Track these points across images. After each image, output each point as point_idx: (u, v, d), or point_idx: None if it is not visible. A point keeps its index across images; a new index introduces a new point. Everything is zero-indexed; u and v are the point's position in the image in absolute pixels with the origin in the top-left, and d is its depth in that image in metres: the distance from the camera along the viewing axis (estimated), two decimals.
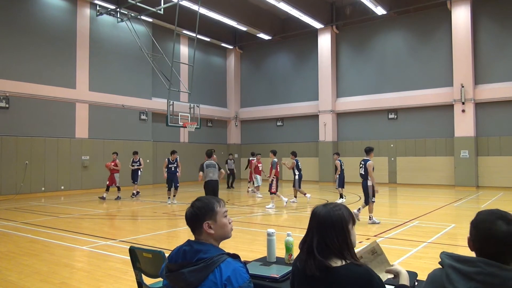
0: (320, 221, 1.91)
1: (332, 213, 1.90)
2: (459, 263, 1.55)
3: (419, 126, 19.85)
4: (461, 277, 1.52)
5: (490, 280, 1.46)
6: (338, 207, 1.94)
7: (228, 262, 1.86)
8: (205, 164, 9.79)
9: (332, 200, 13.54)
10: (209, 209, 1.99)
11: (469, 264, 1.52)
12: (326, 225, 1.88)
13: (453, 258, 1.59)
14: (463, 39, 18.16)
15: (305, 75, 23.67)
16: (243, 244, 7.24)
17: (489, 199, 14.00)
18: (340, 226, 1.87)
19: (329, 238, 1.85)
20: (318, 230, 1.90)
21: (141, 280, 3.00)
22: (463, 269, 1.53)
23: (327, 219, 1.89)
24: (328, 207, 1.93)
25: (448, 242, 7.25)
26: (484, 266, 1.49)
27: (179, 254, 1.94)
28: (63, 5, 17.40)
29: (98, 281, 4.93)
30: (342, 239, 1.86)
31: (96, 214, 11.17)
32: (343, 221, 1.89)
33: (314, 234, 1.91)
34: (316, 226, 1.92)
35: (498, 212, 1.58)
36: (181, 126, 17.07)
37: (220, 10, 19.63)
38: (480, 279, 1.48)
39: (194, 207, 2.00)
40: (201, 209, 1.98)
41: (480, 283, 1.47)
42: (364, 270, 1.81)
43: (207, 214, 1.98)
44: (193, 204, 2.02)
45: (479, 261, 1.52)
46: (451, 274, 1.55)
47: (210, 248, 1.91)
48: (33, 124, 16.10)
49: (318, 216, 1.93)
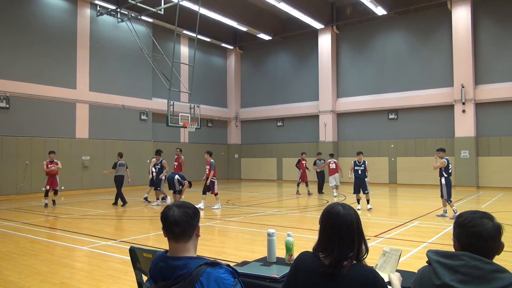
0: (330, 219, 1.91)
1: (345, 213, 1.90)
2: (445, 258, 1.66)
3: (420, 126, 19.84)
4: (446, 270, 1.63)
5: (473, 272, 1.57)
6: (347, 206, 1.95)
7: (208, 274, 1.72)
8: (118, 163, 12.77)
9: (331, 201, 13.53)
10: (198, 211, 1.91)
11: (454, 258, 1.63)
12: (340, 225, 1.87)
13: (439, 254, 1.70)
14: (464, 39, 18.15)
15: (305, 75, 23.66)
16: (243, 244, 7.24)
17: (489, 199, 13.99)
18: (354, 226, 1.88)
19: (340, 238, 1.85)
20: (327, 228, 1.90)
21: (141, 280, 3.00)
22: (449, 263, 1.64)
23: (341, 219, 1.88)
24: (341, 207, 1.93)
25: (448, 243, 7.24)
26: (468, 260, 1.60)
27: (156, 271, 1.83)
28: (63, 5, 17.41)
29: (98, 281, 4.93)
30: (352, 239, 1.86)
31: (96, 214, 11.17)
32: (354, 221, 1.90)
33: (323, 232, 1.92)
34: (326, 225, 1.92)
35: (480, 212, 1.72)
36: (181, 126, 17.05)
37: (220, 10, 19.64)
38: (464, 271, 1.59)
39: (187, 209, 1.86)
40: (195, 211, 1.88)
41: (464, 275, 1.58)
42: (369, 271, 1.81)
43: (198, 217, 1.90)
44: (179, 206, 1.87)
45: (463, 255, 1.63)
46: (437, 268, 1.65)
47: (187, 262, 1.77)
48: (33, 124, 16.11)
49: (327, 215, 1.93)
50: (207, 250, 6.50)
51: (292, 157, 23.84)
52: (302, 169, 16.17)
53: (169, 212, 1.84)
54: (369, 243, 7.01)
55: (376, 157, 20.56)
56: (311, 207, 12.61)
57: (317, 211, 11.35)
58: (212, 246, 6.99)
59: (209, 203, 12.40)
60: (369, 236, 7.51)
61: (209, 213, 11.30)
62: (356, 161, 11.75)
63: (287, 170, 24.04)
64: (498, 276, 1.55)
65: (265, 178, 24.99)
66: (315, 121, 22.83)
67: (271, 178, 24.76)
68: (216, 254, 6.23)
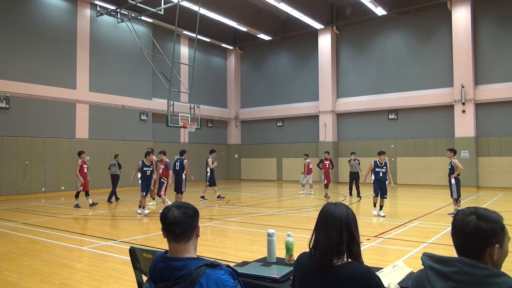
0: (327, 218, 1.94)
1: (338, 211, 1.94)
2: (438, 263, 1.57)
3: (420, 127, 19.84)
4: (439, 277, 1.54)
5: (467, 279, 1.47)
6: (344, 206, 1.98)
7: (208, 275, 1.72)
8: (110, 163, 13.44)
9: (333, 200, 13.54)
10: (197, 211, 1.91)
11: (447, 264, 1.54)
12: (332, 223, 1.91)
13: (432, 259, 1.60)
14: (463, 40, 18.15)
15: (305, 75, 23.67)
16: (243, 245, 7.24)
17: (489, 200, 14.00)
18: (346, 224, 1.90)
19: (334, 236, 1.88)
20: (324, 228, 1.93)
21: (141, 280, 3.00)
22: (441, 269, 1.54)
23: (333, 216, 1.92)
24: (336, 206, 1.97)
25: (448, 243, 7.23)
26: (462, 266, 1.50)
27: (156, 272, 1.83)
28: (63, 6, 17.41)
29: (98, 282, 4.93)
30: (347, 237, 1.88)
31: (96, 215, 11.17)
32: (346, 219, 1.92)
33: (320, 231, 1.94)
34: (323, 223, 1.95)
35: (474, 209, 1.58)
36: (181, 126, 17.05)
37: (220, 11, 19.64)
38: (457, 278, 1.49)
39: (187, 209, 1.85)
40: (195, 211, 1.88)
41: (457, 283, 1.49)
42: (365, 269, 1.82)
43: (197, 217, 1.89)
44: (179, 207, 1.86)
45: (457, 260, 1.53)
46: (430, 275, 1.57)
47: (187, 263, 1.77)
48: (33, 124, 16.11)
49: (325, 214, 1.96)
50: (207, 250, 6.50)
51: (292, 157, 23.86)
52: (325, 170, 14.97)
53: (168, 213, 1.84)
54: (369, 243, 7.01)
55: (376, 157, 20.51)
56: (311, 207, 12.61)
57: (317, 211, 11.33)
58: (212, 246, 6.99)
59: (208, 204, 12.38)
60: (369, 236, 7.51)
61: (209, 213, 11.30)
62: (378, 162, 10.78)
63: (287, 170, 24.05)
64: (495, 281, 1.44)
65: (265, 179, 24.99)
66: (315, 121, 22.83)
67: (271, 179, 24.76)
68: (216, 254, 6.23)
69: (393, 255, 6.22)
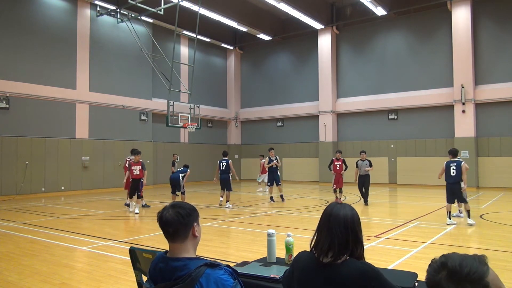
0: (332, 218, 1.94)
1: (343, 212, 1.94)
2: None
3: (419, 127, 19.85)
4: None
5: None
6: (349, 206, 1.99)
7: (208, 275, 1.72)
8: None
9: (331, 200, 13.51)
10: (195, 210, 1.90)
11: None
12: (336, 223, 1.91)
13: None
14: (463, 40, 18.16)
15: (305, 75, 23.67)
16: (243, 245, 7.24)
17: (489, 200, 14.00)
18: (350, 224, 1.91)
19: (338, 236, 1.88)
20: (328, 227, 1.93)
21: (141, 280, 3.00)
22: None
23: (338, 216, 1.93)
24: (341, 206, 1.98)
25: (448, 243, 7.24)
26: None
27: (156, 272, 1.83)
28: (63, 6, 17.41)
29: (98, 282, 4.93)
30: (351, 238, 1.89)
31: (96, 215, 11.17)
32: (351, 220, 1.93)
33: (323, 230, 1.94)
34: (326, 223, 1.95)
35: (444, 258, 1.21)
36: (181, 126, 17.04)
37: (220, 11, 19.64)
38: None
39: (180, 209, 1.84)
40: (189, 211, 1.86)
41: None
42: (363, 263, 1.83)
43: (195, 216, 1.87)
44: (174, 206, 1.86)
45: None
46: None
47: (186, 263, 1.77)
48: (33, 124, 16.11)
49: (330, 214, 1.96)
50: (207, 251, 6.50)
51: (292, 157, 23.85)
52: (336, 172, 13.23)
53: (163, 213, 1.87)
54: (369, 243, 7.01)
55: (376, 157, 20.52)
56: (311, 207, 12.61)
57: (317, 211, 11.34)
58: (212, 246, 6.99)
59: (208, 204, 12.38)
60: (369, 236, 7.51)
61: (210, 213, 11.30)
62: (450, 162, 9.33)
63: (287, 171, 24.04)
64: None
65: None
66: (315, 121, 22.83)
67: None
68: (216, 254, 6.23)
69: (393, 255, 6.22)
